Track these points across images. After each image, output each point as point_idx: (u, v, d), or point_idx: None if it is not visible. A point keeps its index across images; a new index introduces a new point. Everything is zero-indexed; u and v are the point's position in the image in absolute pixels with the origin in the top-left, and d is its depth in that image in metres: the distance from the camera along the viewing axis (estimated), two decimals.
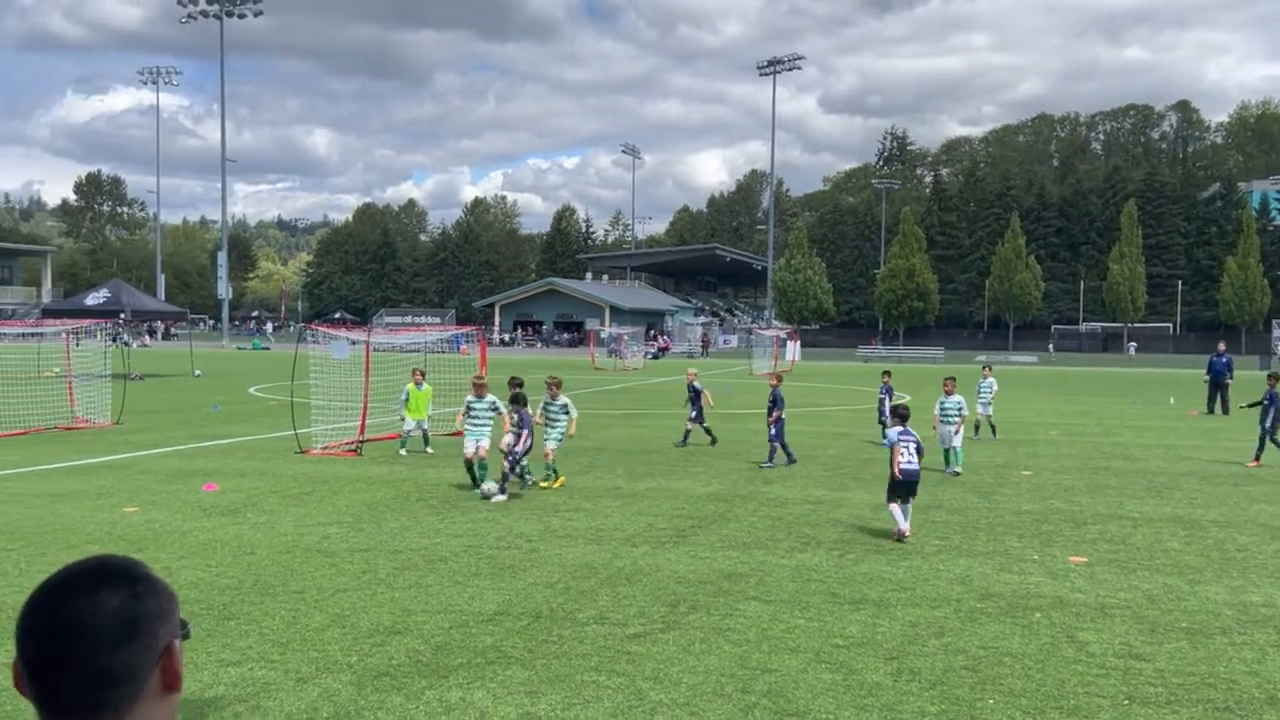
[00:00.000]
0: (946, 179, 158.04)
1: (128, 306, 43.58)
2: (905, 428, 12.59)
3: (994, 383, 23.65)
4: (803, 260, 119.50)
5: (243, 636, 8.10)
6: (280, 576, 10.00)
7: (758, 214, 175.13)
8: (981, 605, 9.29)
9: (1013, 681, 7.27)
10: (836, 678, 7.30)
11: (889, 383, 22.75)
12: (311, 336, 23.56)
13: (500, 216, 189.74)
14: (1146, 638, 8.37)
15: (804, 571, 10.51)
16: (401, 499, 14.54)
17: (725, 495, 15.29)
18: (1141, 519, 13.77)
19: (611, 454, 20.04)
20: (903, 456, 12.31)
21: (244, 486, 15.40)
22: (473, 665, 7.48)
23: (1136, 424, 28.22)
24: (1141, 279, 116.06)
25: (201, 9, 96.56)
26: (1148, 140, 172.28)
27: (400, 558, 10.85)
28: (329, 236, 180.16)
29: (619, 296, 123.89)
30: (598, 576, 10.15)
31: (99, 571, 1.72)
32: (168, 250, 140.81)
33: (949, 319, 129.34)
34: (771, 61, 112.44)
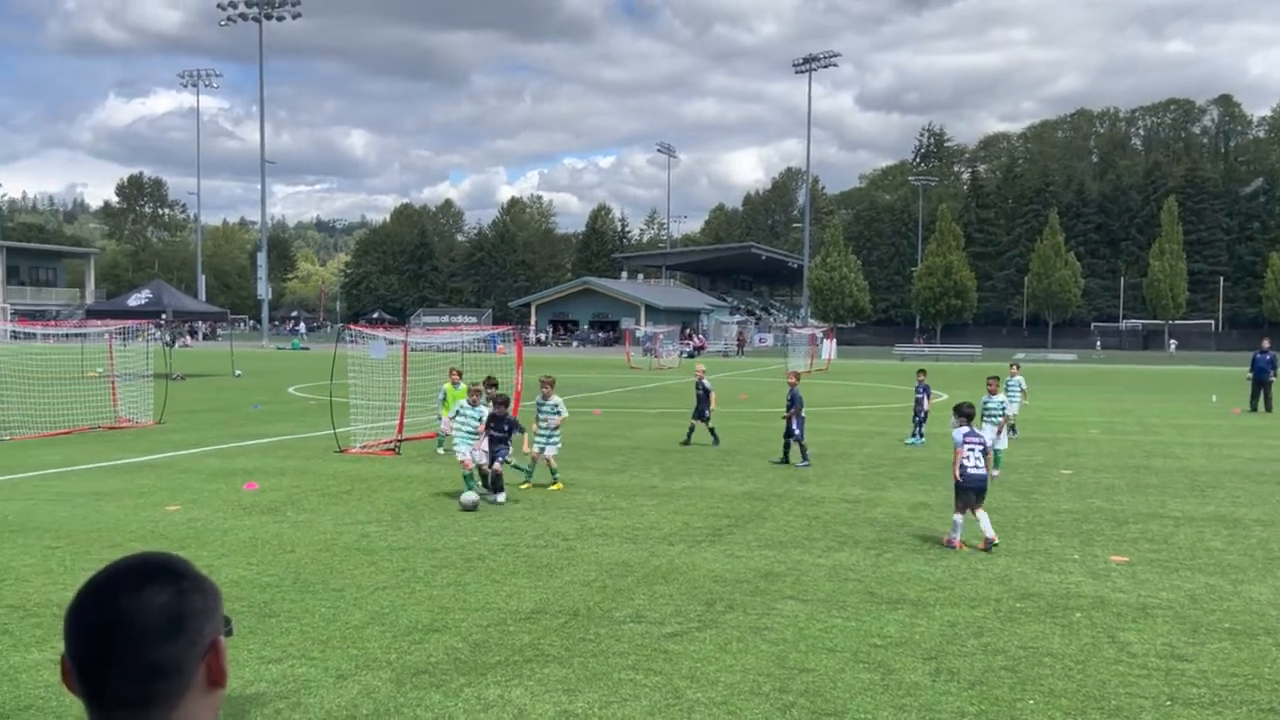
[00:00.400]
0: (984, 175, 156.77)
1: (169, 307, 44.09)
2: (971, 428, 11.88)
3: (1022, 380, 23.38)
4: (839, 258, 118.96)
5: (283, 634, 8.18)
6: (320, 574, 10.09)
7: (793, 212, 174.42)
8: (1021, 605, 9.23)
9: (1053, 682, 7.22)
10: (874, 677, 7.27)
11: (925, 381, 22.61)
12: (349, 336, 23.74)
13: (536, 216, 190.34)
14: (1189, 638, 8.28)
15: (841, 571, 10.48)
16: (439, 498, 14.63)
17: (761, 494, 15.26)
18: (1184, 518, 13.62)
19: (647, 453, 20.06)
20: (968, 459, 11.60)
21: (284, 485, 15.55)
22: (510, 663, 7.52)
23: (1178, 422, 27.88)
24: (1183, 275, 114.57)
25: (240, 11, 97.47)
26: (1189, 135, 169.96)
27: (438, 556, 10.92)
28: (367, 237, 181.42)
29: (654, 295, 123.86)
30: (634, 575, 10.16)
31: (145, 568, 1.75)
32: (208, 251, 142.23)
33: (987, 317, 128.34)
34: (807, 59, 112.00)
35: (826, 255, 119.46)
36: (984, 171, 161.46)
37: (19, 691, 6.90)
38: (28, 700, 6.75)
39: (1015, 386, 23.11)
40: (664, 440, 22.20)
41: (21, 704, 6.69)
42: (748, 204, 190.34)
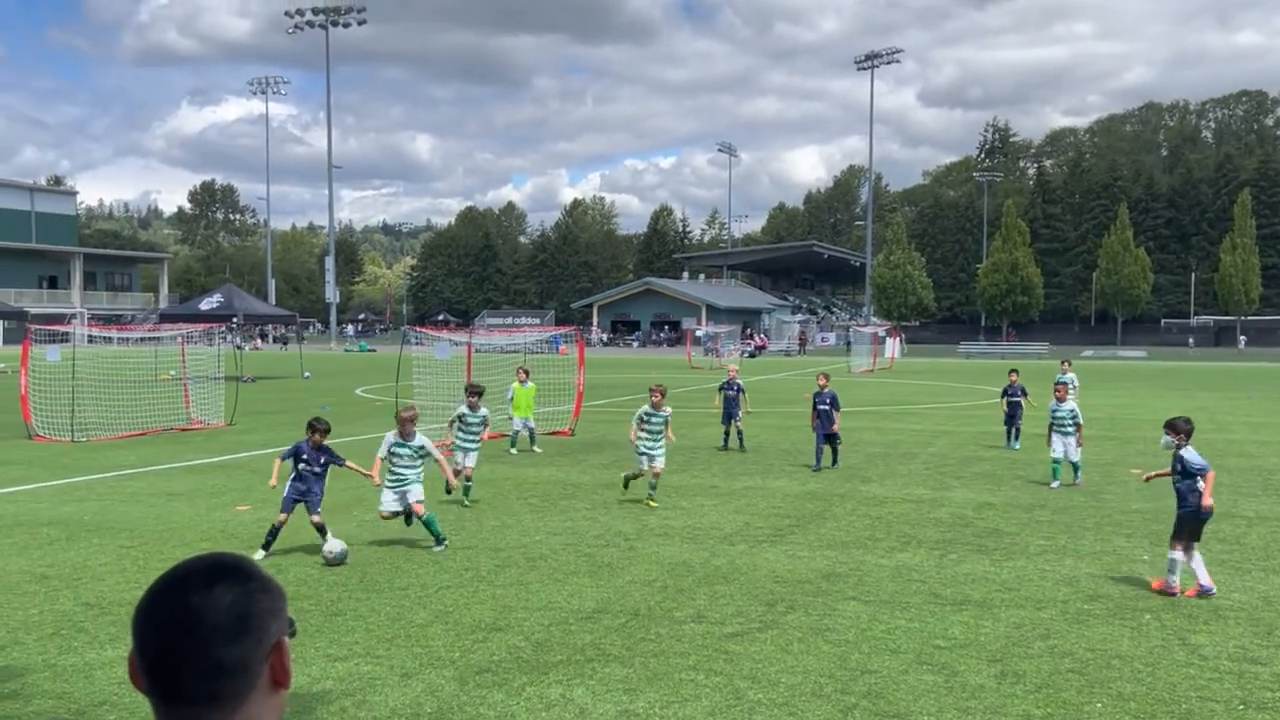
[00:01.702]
0: (1050, 171, 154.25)
1: (240, 311, 44.92)
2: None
3: (1074, 378, 22.93)
4: (902, 256, 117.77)
5: (349, 632, 8.30)
6: (386, 574, 10.23)
7: (855, 210, 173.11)
8: (1089, 606, 9.08)
9: (1122, 685, 7.10)
10: (938, 679, 7.21)
11: (1018, 382, 21.72)
12: (415, 338, 24.03)
13: (598, 218, 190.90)
14: (1263, 640, 8.09)
15: (904, 571, 10.39)
16: (501, 497, 14.75)
17: (823, 494, 15.18)
18: (1257, 518, 13.31)
19: (707, 453, 20.04)
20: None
21: (351, 485, 15.75)
22: (572, 662, 7.56)
23: (1251, 420, 27.23)
24: (1255, 270, 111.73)
25: (308, 19, 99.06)
26: (1261, 127, 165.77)
27: (501, 555, 11.02)
28: (432, 240, 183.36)
29: (715, 295, 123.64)
30: (695, 575, 10.17)
31: (214, 568, 1.79)
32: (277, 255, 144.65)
33: (1054, 314, 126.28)
34: (869, 56, 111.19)
35: (889, 253, 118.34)
36: (1050, 167, 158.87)
37: (94, 688, 7.08)
38: (102, 696, 6.92)
39: (1068, 384, 22.70)
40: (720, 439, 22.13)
41: (96, 700, 6.87)
42: (809, 202, 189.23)
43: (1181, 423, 10.37)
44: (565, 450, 20.22)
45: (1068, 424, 16.14)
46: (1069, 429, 16.09)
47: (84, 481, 16.25)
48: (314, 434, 11.42)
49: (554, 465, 18.15)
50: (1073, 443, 16.06)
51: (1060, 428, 16.13)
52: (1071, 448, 16.06)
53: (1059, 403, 16.43)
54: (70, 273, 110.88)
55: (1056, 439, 16.14)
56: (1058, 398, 16.54)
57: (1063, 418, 16.21)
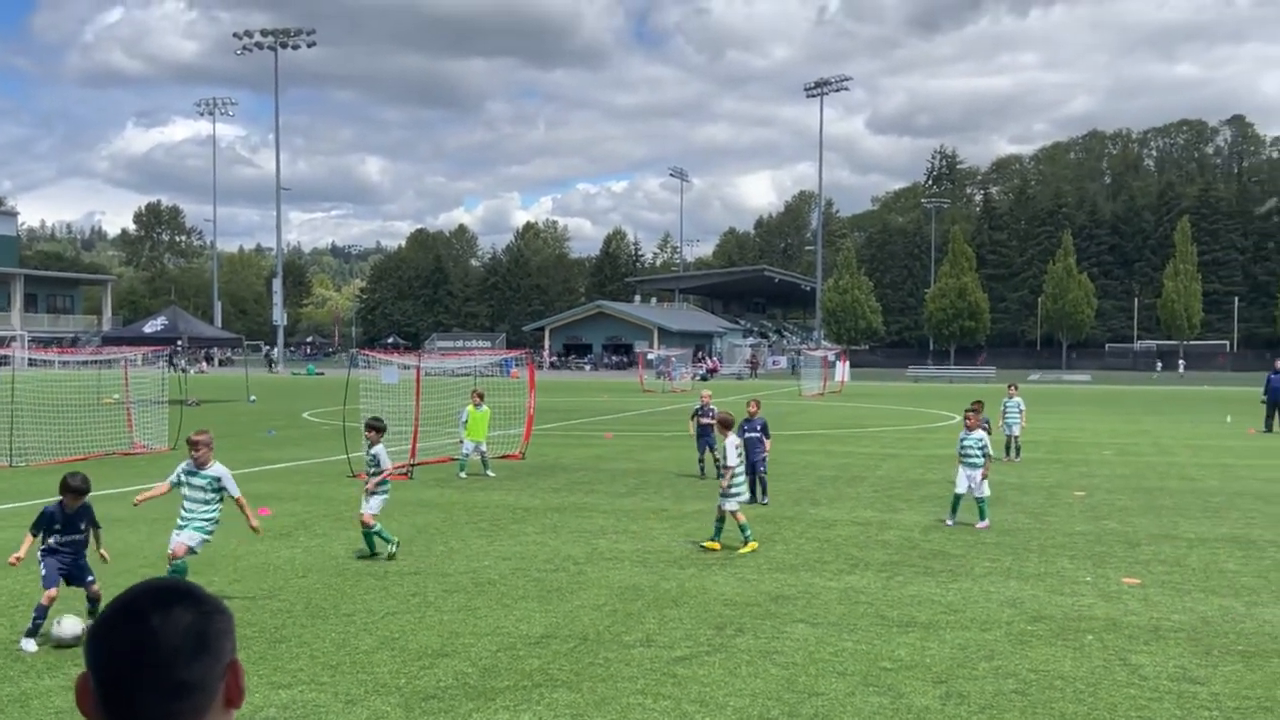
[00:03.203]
0: (997, 197, 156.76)
1: (184, 333, 44.34)
2: None
3: (1020, 402, 23.25)
4: (851, 280, 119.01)
5: (294, 659, 8.20)
6: (331, 599, 10.12)
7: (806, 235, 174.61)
8: (1033, 628, 9.19)
9: (1064, 705, 7.18)
10: (884, 701, 7.25)
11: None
12: (363, 361, 23.85)
13: (550, 241, 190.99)
14: (1201, 660, 8.23)
15: (852, 593, 10.45)
16: (451, 522, 14.65)
17: (772, 517, 15.23)
18: (1197, 539, 13.54)
19: (659, 476, 20.05)
20: None
21: (297, 510, 15.60)
22: (519, 688, 7.52)
23: (1193, 443, 27.74)
24: (1197, 296, 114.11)
25: (256, 40, 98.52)
26: (1202, 156, 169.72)
27: (449, 580, 10.94)
28: (382, 263, 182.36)
29: (667, 319, 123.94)
30: (644, 599, 10.16)
31: (168, 591, 1.81)
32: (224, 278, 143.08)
33: (1001, 338, 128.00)
34: (819, 83, 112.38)
35: (839, 278, 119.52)
36: (996, 193, 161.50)
37: (29, 717, 6.93)
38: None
39: (1015, 408, 23.02)
40: (676, 463, 22.17)
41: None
42: (760, 227, 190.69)
43: None
44: (515, 474, 20.14)
45: (976, 455, 14.58)
46: (977, 460, 14.55)
47: (23, 507, 15.92)
48: (67, 495, 9.29)
49: (504, 489, 18.08)
50: (978, 476, 14.46)
51: (968, 459, 14.62)
52: (977, 481, 14.47)
53: (968, 431, 14.84)
54: (10, 294, 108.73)
55: (961, 471, 14.66)
56: (967, 425, 14.96)
57: (970, 447, 14.68)
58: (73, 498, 9.27)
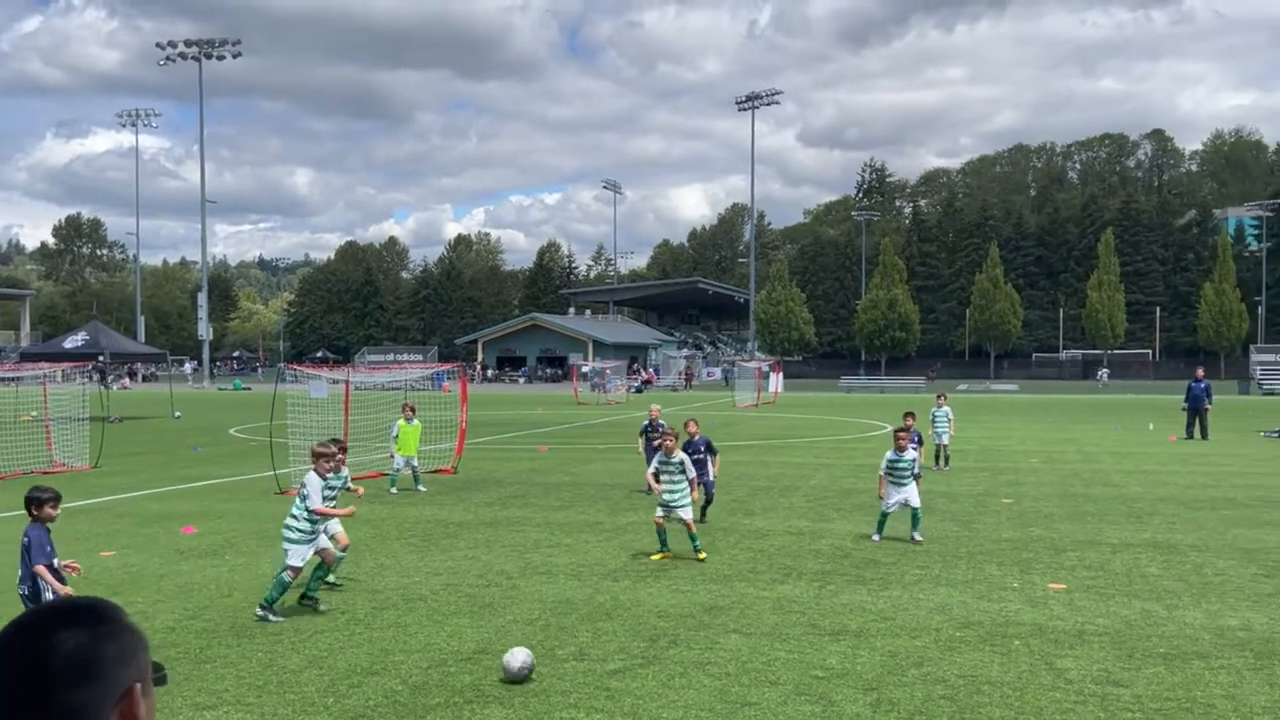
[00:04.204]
0: (925, 210, 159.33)
1: (106, 349, 43.38)
2: None
3: (949, 411, 23.62)
4: (784, 292, 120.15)
5: (219, 680, 8.04)
6: (257, 619, 9.92)
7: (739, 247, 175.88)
8: (961, 634, 9.30)
9: (991, 710, 7.27)
10: (816, 709, 7.28)
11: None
12: (292, 376, 23.50)
13: (483, 253, 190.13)
14: (1124, 663, 8.39)
15: (785, 603, 10.50)
16: (380, 538, 14.47)
17: (706, 529, 15.24)
18: (1120, 545, 13.82)
19: (593, 489, 20.01)
20: None
21: (223, 528, 15.31)
22: (450, 705, 7.44)
23: (1116, 450, 28.33)
24: (1120, 306, 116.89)
25: (180, 51, 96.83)
26: (1123, 169, 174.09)
27: (379, 597, 10.80)
28: (311, 275, 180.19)
29: (602, 331, 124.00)
30: (578, 612, 10.11)
31: (64, 613, 1.76)
32: (148, 292, 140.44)
33: (930, 349, 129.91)
34: (750, 97, 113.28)
35: (772, 289, 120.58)
36: (925, 206, 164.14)
37: None
38: None
39: (944, 418, 23.36)
40: (610, 475, 22.16)
41: None
42: (694, 239, 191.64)
43: None
44: (447, 489, 19.97)
45: (907, 477, 14.24)
46: (906, 481, 14.21)
47: None
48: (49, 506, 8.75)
49: (435, 504, 17.91)
50: (913, 490, 14.18)
51: (900, 481, 14.23)
52: (913, 495, 14.14)
53: (899, 452, 14.33)
54: None
55: (890, 490, 14.24)
56: (898, 446, 14.43)
57: (903, 469, 14.26)
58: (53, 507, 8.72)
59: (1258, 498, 18.60)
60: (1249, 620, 9.78)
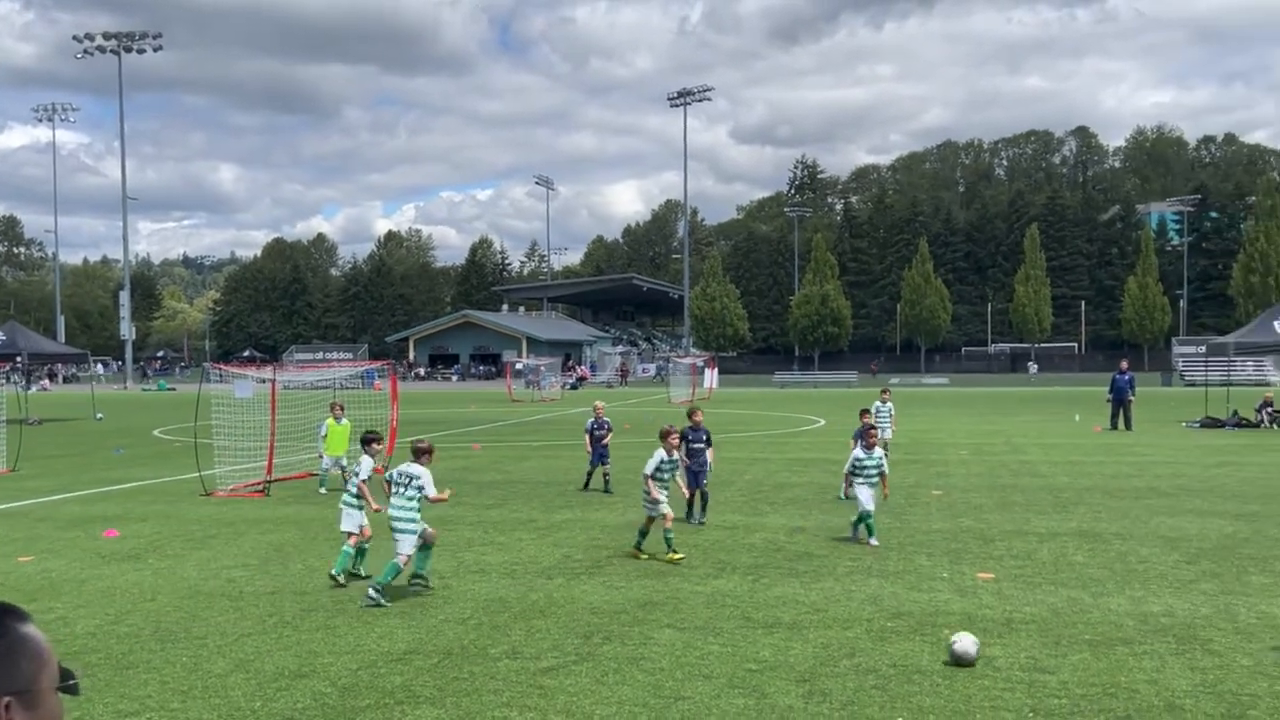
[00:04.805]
0: (856, 206, 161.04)
1: (24, 350, 42.27)
2: None
3: (892, 406, 23.85)
4: (718, 288, 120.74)
5: (142, 686, 7.84)
6: (182, 623, 9.72)
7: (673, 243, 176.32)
8: (892, 624, 9.38)
9: (921, 699, 7.33)
10: (749, 702, 7.29)
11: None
12: (217, 375, 23.05)
13: (414, 250, 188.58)
14: (1051, 650, 8.51)
15: (718, 597, 10.51)
16: (309, 539, 14.25)
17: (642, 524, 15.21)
18: (1047, 534, 14.05)
19: (527, 486, 19.90)
20: None
21: (146, 532, 14.97)
22: (381, 706, 7.33)
23: (1043, 441, 28.85)
24: (1046, 300, 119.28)
25: (98, 44, 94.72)
26: (1049, 165, 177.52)
27: (307, 599, 10.62)
28: (237, 273, 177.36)
29: (536, 328, 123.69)
30: (511, 611, 10.03)
31: None
32: (67, 291, 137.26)
33: (862, 343, 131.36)
34: (682, 93, 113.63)
35: (706, 285, 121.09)
36: (856, 202, 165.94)
37: None
38: None
39: (886, 413, 23.57)
40: (545, 473, 22.07)
41: None
42: (628, 235, 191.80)
43: None
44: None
45: (875, 476, 13.86)
46: (875, 480, 13.85)
47: None
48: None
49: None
50: (877, 493, 13.83)
51: (868, 479, 13.76)
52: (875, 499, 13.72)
53: (868, 450, 13.95)
54: None
55: (863, 490, 13.63)
56: (867, 444, 14.06)
57: (871, 468, 13.85)
58: None
59: (1179, 486, 19.04)
60: (1171, 606, 9.98)
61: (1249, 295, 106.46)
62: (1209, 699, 7.28)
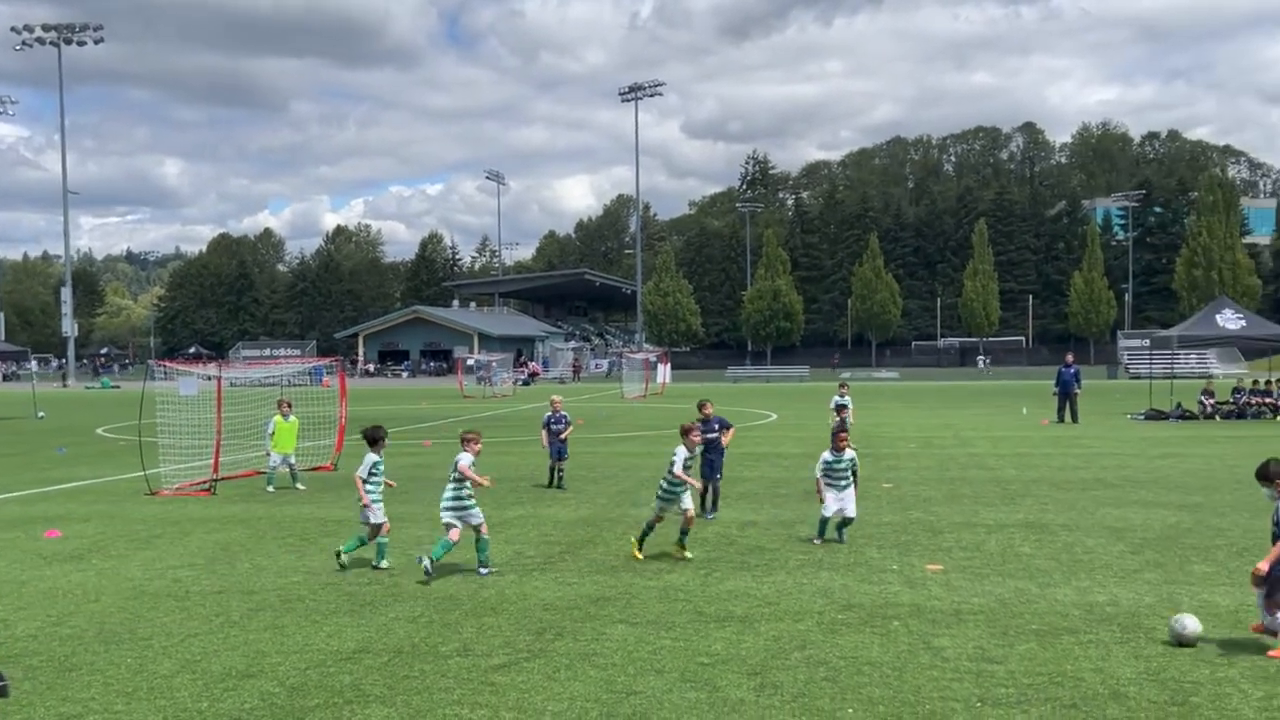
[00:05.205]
0: (808, 202, 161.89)
1: None
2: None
3: (850, 400, 24.05)
4: (671, 283, 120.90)
5: (85, 688, 7.70)
6: (127, 623, 9.56)
7: (626, 238, 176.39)
8: (843, 616, 9.44)
9: (871, 690, 7.38)
10: (701, 696, 7.30)
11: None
12: (162, 373, 22.68)
13: (363, 245, 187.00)
14: (999, 640, 8.61)
15: (671, 592, 10.52)
16: (257, 538, 14.08)
17: (594, 520, 15.23)
18: (995, 525, 14.21)
19: None
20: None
21: (89, 532, 14.72)
22: (330, 705, 7.25)
23: (992, 434, 29.18)
24: (994, 294, 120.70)
25: (38, 36, 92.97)
26: (997, 161, 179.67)
27: (255, 598, 10.49)
28: (182, 269, 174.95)
29: (487, 323, 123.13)
30: (462, 608, 9.97)
31: None
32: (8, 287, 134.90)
33: (814, 338, 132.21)
34: (633, 88, 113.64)
35: (659, 281, 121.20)
36: (807, 198, 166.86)
37: None
38: None
39: (846, 406, 23.75)
40: (497, 469, 21.94)
41: None
42: (580, 230, 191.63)
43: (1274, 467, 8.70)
44: (327, 486, 19.54)
45: (846, 478, 13.13)
46: (846, 483, 13.12)
47: None
48: None
49: (314, 503, 17.50)
50: (851, 497, 13.12)
51: (837, 483, 13.09)
52: (850, 503, 13.08)
53: (838, 452, 13.15)
54: None
55: (830, 494, 13.04)
56: (836, 446, 13.20)
57: (843, 470, 13.11)
58: None
59: (1124, 478, 19.35)
60: (1116, 596, 10.13)
61: (1192, 289, 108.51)
62: (1153, 686, 7.40)
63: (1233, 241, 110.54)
